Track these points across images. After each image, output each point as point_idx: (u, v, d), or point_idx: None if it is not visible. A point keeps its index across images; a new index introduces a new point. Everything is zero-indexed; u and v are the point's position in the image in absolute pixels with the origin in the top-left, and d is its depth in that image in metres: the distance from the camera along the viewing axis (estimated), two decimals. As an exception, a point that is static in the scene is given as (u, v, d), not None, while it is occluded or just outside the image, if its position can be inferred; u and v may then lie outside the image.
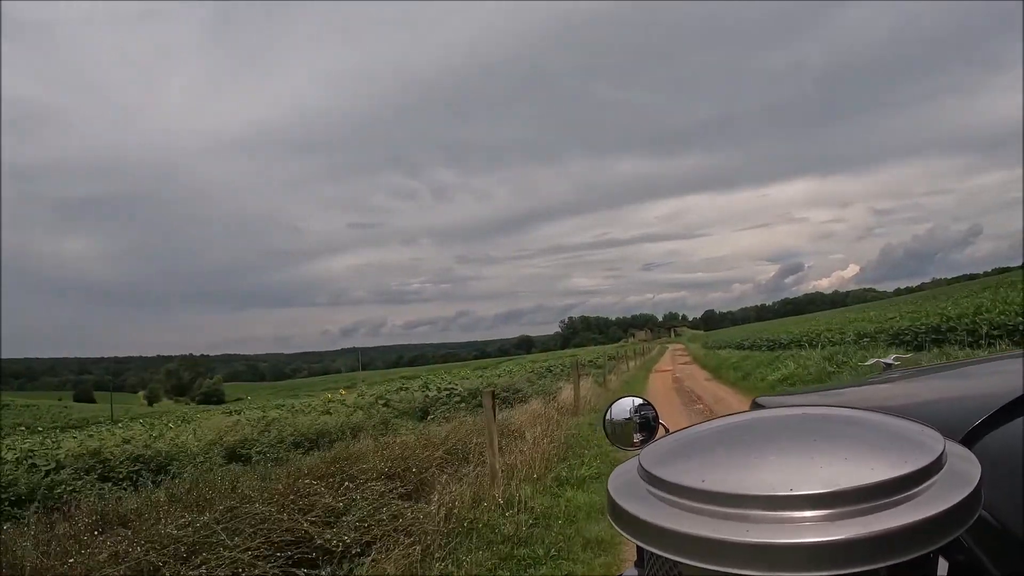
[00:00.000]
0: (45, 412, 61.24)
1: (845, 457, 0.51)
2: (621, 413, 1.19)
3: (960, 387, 1.13)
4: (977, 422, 0.75)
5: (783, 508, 0.46)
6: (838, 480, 0.46)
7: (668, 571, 0.54)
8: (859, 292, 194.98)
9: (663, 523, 0.49)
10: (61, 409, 70.67)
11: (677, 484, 0.51)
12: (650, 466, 0.56)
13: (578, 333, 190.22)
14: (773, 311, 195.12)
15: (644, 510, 0.51)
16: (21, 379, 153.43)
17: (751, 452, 0.55)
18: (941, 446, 0.52)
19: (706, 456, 0.57)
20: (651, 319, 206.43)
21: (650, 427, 1.16)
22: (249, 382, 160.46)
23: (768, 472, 0.50)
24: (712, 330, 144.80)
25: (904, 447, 0.52)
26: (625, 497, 0.55)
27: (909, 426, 0.58)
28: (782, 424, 0.62)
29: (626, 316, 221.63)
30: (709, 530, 0.46)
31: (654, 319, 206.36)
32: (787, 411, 0.66)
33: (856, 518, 0.44)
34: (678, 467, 0.54)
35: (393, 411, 10.51)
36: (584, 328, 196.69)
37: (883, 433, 0.57)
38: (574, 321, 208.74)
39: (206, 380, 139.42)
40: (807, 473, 0.49)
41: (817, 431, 0.58)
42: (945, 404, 0.98)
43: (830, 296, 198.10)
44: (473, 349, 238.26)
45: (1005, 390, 0.80)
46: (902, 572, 0.45)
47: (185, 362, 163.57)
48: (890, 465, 0.48)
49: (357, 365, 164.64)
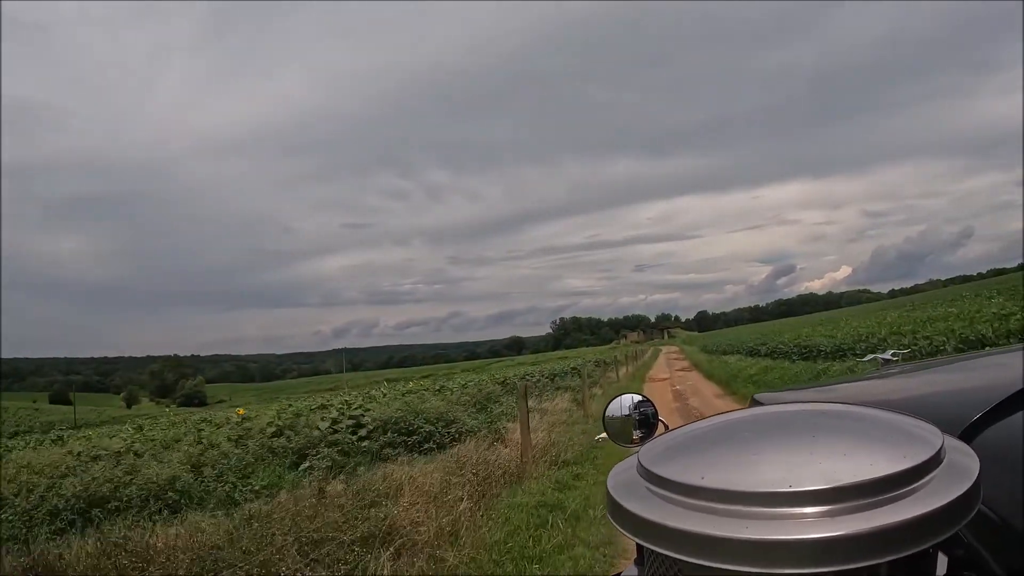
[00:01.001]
0: (12, 416, 58.30)
1: (844, 453, 0.51)
2: (620, 410, 1.19)
3: (958, 382, 1.12)
4: (976, 417, 0.74)
5: (782, 504, 0.46)
6: (837, 476, 0.47)
7: (668, 568, 0.53)
8: (853, 293, 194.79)
9: (663, 520, 0.49)
10: (31, 412, 67.77)
11: (676, 481, 0.51)
12: (649, 463, 0.56)
13: (569, 334, 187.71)
14: (767, 312, 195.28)
15: (644, 507, 0.52)
16: (9, 379, 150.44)
17: (750, 449, 0.55)
18: (940, 441, 0.52)
19: (705, 453, 0.57)
20: (644, 320, 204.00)
21: (649, 424, 1.15)
22: (238, 383, 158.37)
23: (767, 468, 0.51)
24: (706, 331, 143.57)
25: (903, 442, 0.52)
26: (624, 495, 0.55)
27: (908, 421, 0.58)
28: (781, 420, 0.62)
29: (618, 317, 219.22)
30: (709, 527, 0.46)
31: (647, 320, 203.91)
32: (786, 407, 0.66)
33: (855, 514, 0.45)
34: (677, 464, 0.55)
35: (288, 442, 7.33)
36: (575, 329, 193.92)
37: (882, 428, 0.57)
38: (565, 322, 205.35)
39: (188, 381, 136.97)
40: (806, 469, 0.49)
41: (816, 427, 0.58)
42: (944, 399, 0.97)
43: (824, 297, 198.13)
44: (464, 350, 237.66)
45: (1004, 385, 0.79)
46: (902, 567, 0.45)
47: (169, 363, 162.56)
48: (889, 461, 0.48)
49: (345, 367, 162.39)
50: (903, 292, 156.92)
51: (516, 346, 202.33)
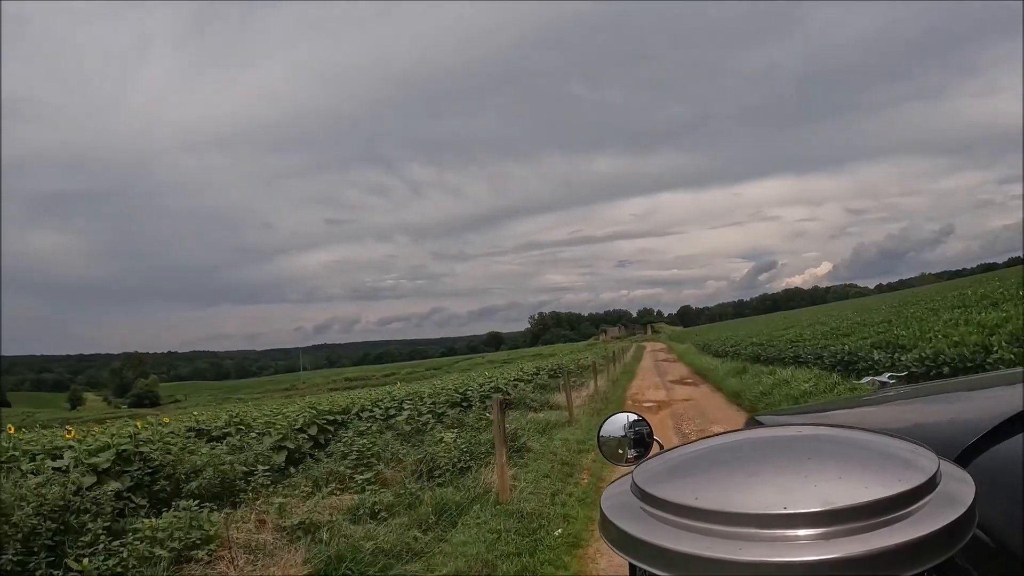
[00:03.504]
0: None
1: (839, 476, 0.51)
2: (615, 430, 1.17)
3: (955, 406, 1.07)
4: (971, 441, 0.73)
5: (777, 526, 0.46)
6: (832, 499, 0.47)
7: None
8: (840, 288, 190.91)
9: (656, 541, 0.48)
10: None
11: (671, 502, 0.51)
12: (644, 483, 0.56)
13: (548, 329, 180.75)
14: (751, 307, 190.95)
15: (637, 528, 0.51)
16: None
17: (745, 470, 0.55)
18: (935, 465, 0.52)
19: (700, 474, 0.57)
20: (625, 315, 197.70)
21: (644, 443, 1.13)
22: (212, 381, 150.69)
23: (762, 490, 0.50)
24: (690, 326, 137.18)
25: (898, 466, 0.52)
26: (618, 514, 0.54)
27: (903, 445, 0.58)
28: (776, 443, 0.62)
29: (599, 312, 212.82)
30: (703, 548, 0.46)
31: (628, 315, 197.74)
32: (781, 430, 0.65)
33: (850, 536, 0.45)
34: (672, 485, 0.54)
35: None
36: (555, 324, 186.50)
37: (877, 452, 0.57)
38: (544, 317, 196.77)
39: (140, 380, 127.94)
40: (801, 491, 0.49)
41: (811, 450, 0.58)
42: (940, 422, 0.95)
43: (809, 292, 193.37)
44: (443, 346, 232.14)
45: (1000, 409, 0.78)
46: None
47: (130, 360, 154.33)
48: (884, 484, 0.48)
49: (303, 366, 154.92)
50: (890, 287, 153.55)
51: (495, 342, 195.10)
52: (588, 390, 12.66)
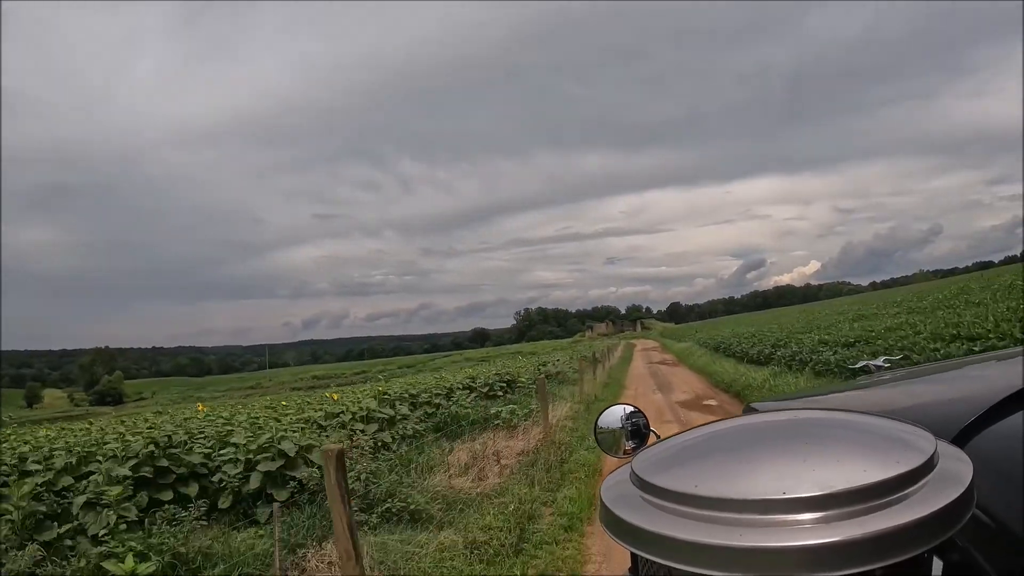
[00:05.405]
0: None
1: (837, 459, 0.51)
2: (612, 422, 1.16)
3: (951, 386, 1.09)
4: (968, 421, 0.73)
5: (776, 511, 0.46)
6: (831, 482, 0.47)
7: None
8: (833, 285, 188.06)
9: (657, 529, 0.49)
10: None
11: (670, 490, 0.52)
12: (642, 473, 0.56)
13: (535, 326, 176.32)
14: (742, 304, 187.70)
15: (637, 516, 0.52)
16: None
17: (743, 456, 0.55)
18: (933, 446, 0.52)
19: (698, 461, 0.58)
20: (613, 312, 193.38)
21: (641, 434, 1.13)
22: (194, 377, 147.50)
23: (761, 476, 0.51)
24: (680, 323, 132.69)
25: (896, 448, 0.52)
26: (618, 504, 0.55)
27: (901, 427, 0.58)
28: (773, 428, 0.62)
29: (587, 309, 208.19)
30: (703, 535, 0.46)
31: (616, 312, 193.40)
32: (778, 415, 0.65)
33: (850, 520, 0.45)
34: (671, 473, 0.55)
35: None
36: (542, 320, 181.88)
37: (875, 435, 0.57)
38: (531, 313, 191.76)
39: (104, 376, 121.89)
40: (800, 476, 0.49)
41: (809, 434, 0.58)
42: (936, 404, 0.96)
43: (801, 290, 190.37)
44: (429, 342, 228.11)
45: (996, 388, 0.78)
46: (897, 573, 0.45)
47: (100, 356, 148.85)
48: (882, 466, 0.48)
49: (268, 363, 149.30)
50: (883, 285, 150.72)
51: (480, 338, 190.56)
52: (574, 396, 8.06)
